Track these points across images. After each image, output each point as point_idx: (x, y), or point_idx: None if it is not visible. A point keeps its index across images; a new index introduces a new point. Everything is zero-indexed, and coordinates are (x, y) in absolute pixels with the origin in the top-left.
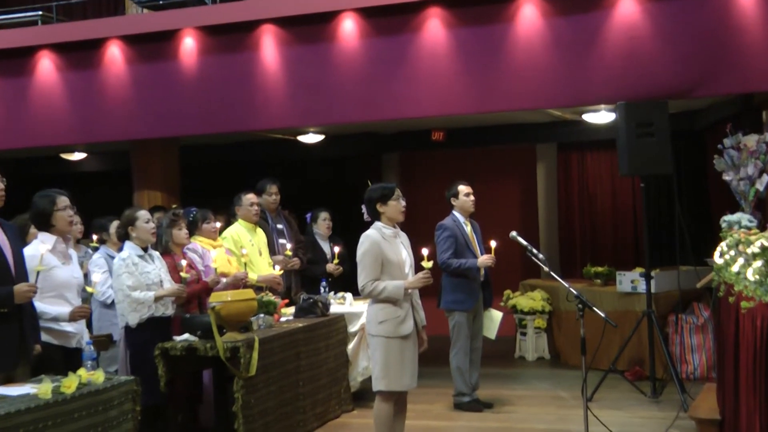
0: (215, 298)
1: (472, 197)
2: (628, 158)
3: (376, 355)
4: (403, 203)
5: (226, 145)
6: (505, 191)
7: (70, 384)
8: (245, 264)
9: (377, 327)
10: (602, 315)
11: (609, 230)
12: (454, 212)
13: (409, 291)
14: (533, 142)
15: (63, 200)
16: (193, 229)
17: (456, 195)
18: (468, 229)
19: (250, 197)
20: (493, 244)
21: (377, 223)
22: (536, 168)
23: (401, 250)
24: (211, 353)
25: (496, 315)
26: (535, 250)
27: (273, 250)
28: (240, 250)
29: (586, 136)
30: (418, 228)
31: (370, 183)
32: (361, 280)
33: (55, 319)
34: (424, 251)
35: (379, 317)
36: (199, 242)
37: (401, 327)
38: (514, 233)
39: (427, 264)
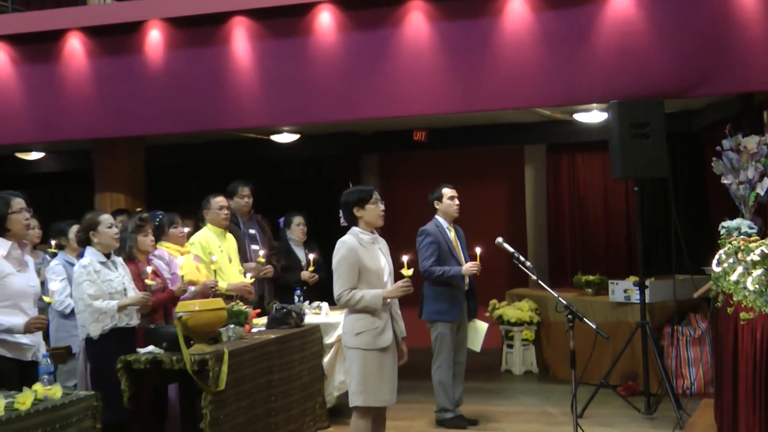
0: (182, 308)
1: (456, 201)
2: (621, 160)
3: (353, 369)
4: (382, 207)
5: (195, 144)
6: (491, 195)
7: (24, 400)
8: (215, 271)
9: (354, 339)
10: (593, 326)
11: (601, 236)
12: (438, 217)
13: (388, 300)
14: (521, 143)
15: (18, 202)
16: (159, 235)
17: (440, 198)
18: (452, 234)
19: (219, 200)
20: (478, 251)
21: (354, 229)
22: (524, 170)
23: (380, 257)
24: (177, 366)
25: (481, 326)
26: (522, 258)
27: (245, 256)
28: (209, 257)
29: (578, 137)
30: (399, 233)
31: (351, 185)
32: (337, 288)
33: (9, 330)
34: (404, 258)
35: (356, 328)
36: (165, 248)
37: (380, 339)
38: (500, 239)
39: (407, 272)
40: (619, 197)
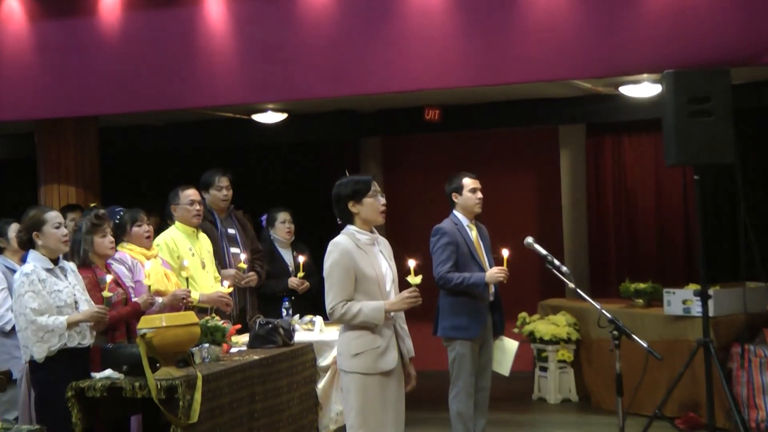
0: (146, 324)
1: (479, 194)
2: (677, 143)
3: (351, 398)
4: (383, 201)
5: (160, 127)
6: (519, 186)
7: None
8: (186, 279)
9: (351, 361)
10: (644, 345)
11: (653, 236)
12: (456, 213)
13: (392, 314)
14: (555, 123)
15: None
16: (120, 235)
17: (459, 190)
18: (473, 234)
19: (191, 194)
20: (504, 253)
21: (349, 228)
22: (559, 156)
23: (380, 261)
24: (140, 394)
25: (509, 345)
26: (557, 261)
27: (222, 261)
28: (179, 262)
29: (624, 115)
30: (405, 233)
31: (348, 173)
32: (330, 300)
33: None
34: (411, 263)
35: (353, 348)
36: (127, 251)
37: (382, 360)
38: (530, 239)
39: (415, 279)
40: (674, 188)
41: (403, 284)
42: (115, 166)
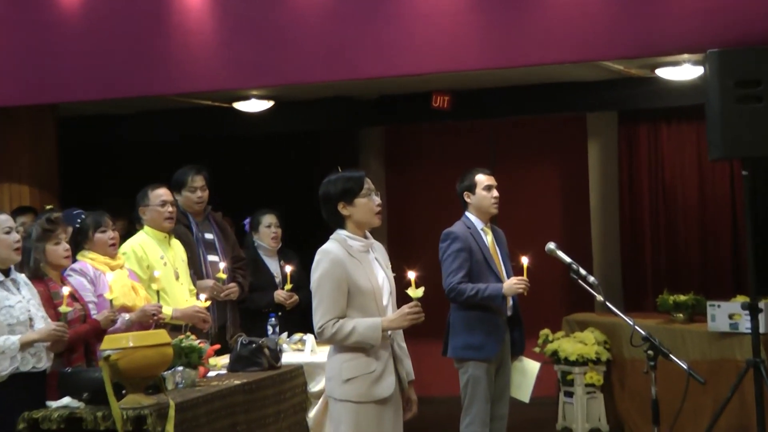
0: (111, 344)
1: (494, 192)
2: (723, 133)
3: (342, 429)
4: (378, 200)
5: (129, 117)
6: (540, 183)
7: None
8: (157, 292)
9: (343, 387)
10: (684, 366)
11: (695, 240)
12: (468, 214)
13: (389, 333)
14: (583, 110)
15: None
16: (81, 242)
17: (471, 188)
18: (488, 239)
19: (161, 194)
20: (524, 261)
21: (340, 232)
22: (587, 149)
23: (377, 271)
24: (103, 426)
25: (530, 367)
26: (583, 270)
27: (199, 271)
28: (149, 272)
29: (661, 101)
30: (410, 237)
31: (340, 169)
32: (319, 318)
33: None
34: (411, 274)
35: (345, 373)
36: (89, 261)
37: (378, 387)
38: (552, 245)
39: (416, 292)
40: (720, 185)
41: (402, 298)
42: (76, 163)
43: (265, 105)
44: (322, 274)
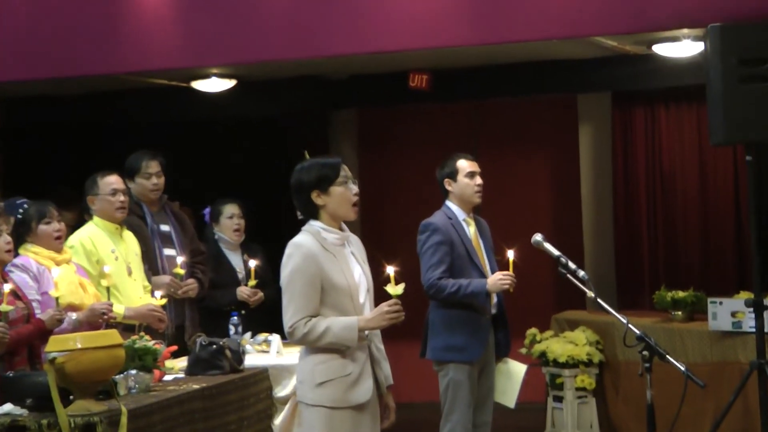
0: (57, 346)
1: (477, 180)
2: (725, 116)
3: None
4: (355, 189)
5: (77, 98)
6: (527, 170)
7: None
8: (107, 289)
9: (315, 392)
10: (682, 368)
11: (695, 232)
12: (449, 204)
13: (366, 333)
14: (573, 91)
15: None
16: (23, 234)
17: (453, 176)
18: (471, 230)
19: (112, 181)
20: (510, 254)
21: (313, 224)
22: (578, 133)
23: (353, 266)
24: None
25: (515, 369)
26: (572, 264)
27: (154, 265)
28: (99, 267)
29: (659, 81)
30: (385, 229)
31: (308, 156)
32: (289, 316)
33: None
34: (390, 269)
35: (318, 376)
36: (32, 255)
37: (353, 391)
38: (539, 237)
39: (396, 289)
40: (722, 172)
41: (380, 295)
42: (18, 148)
43: (226, 84)
44: (293, 269)
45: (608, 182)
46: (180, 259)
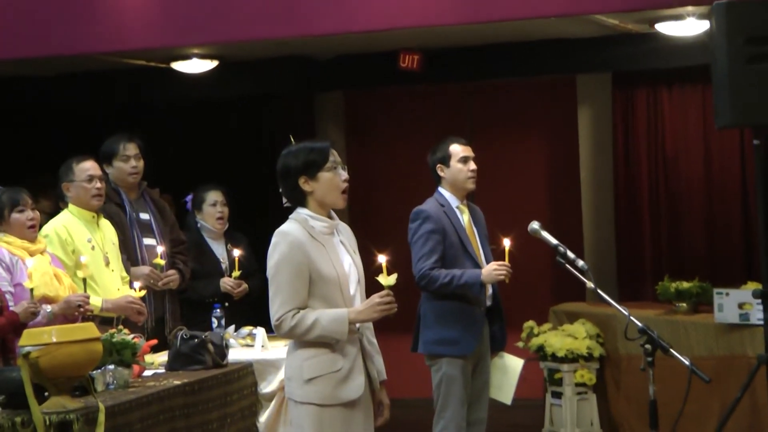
0: (31, 340)
1: (472, 165)
2: (731, 98)
3: None
4: (345, 175)
5: (51, 79)
6: (524, 155)
7: None
8: (84, 281)
9: (304, 388)
10: (686, 362)
11: (700, 220)
12: (442, 190)
13: (358, 326)
14: (572, 72)
15: None
16: None
17: (445, 161)
18: (464, 218)
19: (88, 167)
20: (506, 243)
21: (301, 212)
22: (577, 115)
23: (342, 255)
24: None
25: (511, 364)
26: (572, 254)
27: (133, 255)
28: (75, 258)
29: (662, 61)
30: (374, 217)
31: (293, 140)
32: (276, 309)
33: None
34: (382, 259)
35: (306, 372)
36: (4, 245)
37: (344, 387)
38: (535, 225)
39: (388, 280)
40: (728, 156)
41: (372, 286)
42: None
43: (207, 65)
44: (279, 258)
45: (609, 167)
46: (160, 249)
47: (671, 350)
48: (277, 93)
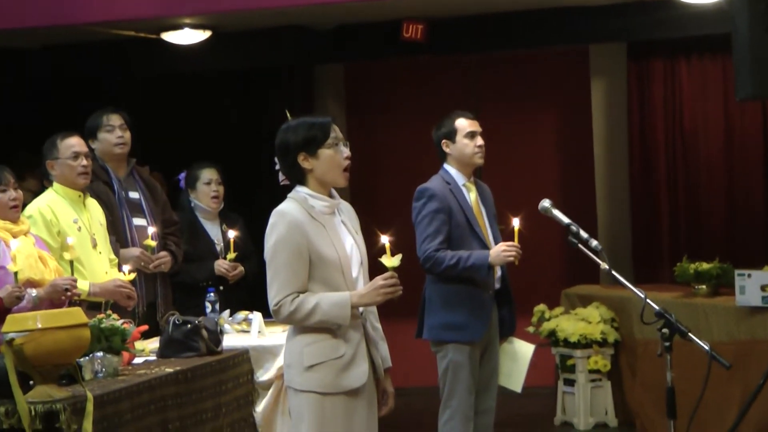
0: (15, 326)
1: (478, 140)
2: (752, 68)
3: (304, 427)
4: (347, 152)
5: (35, 52)
6: (534, 129)
7: None
8: (71, 263)
9: (304, 376)
10: (706, 348)
11: (721, 197)
12: (448, 167)
13: (361, 310)
14: (584, 42)
15: None
16: None
17: (451, 136)
18: (472, 196)
19: (73, 143)
20: (515, 223)
21: (300, 190)
22: (590, 88)
23: (344, 236)
24: (7, 423)
25: (522, 350)
26: (584, 234)
27: (122, 237)
28: (61, 239)
29: (680, 30)
30: (376, 196)
31: (289, 115)
32: (274, 293)
33: None
34: (385, 239)
35: (307, 359)
36: None
37: (346, 375)
38: (546, 203)
39: (392, 261)
40: (750, 130)
41: (375, 268)
42: None
43: (200, 36)
44: (278, 239)
45: (623, 142)
46: (151, 230)
47: (690, 335)
48: (273, 65)
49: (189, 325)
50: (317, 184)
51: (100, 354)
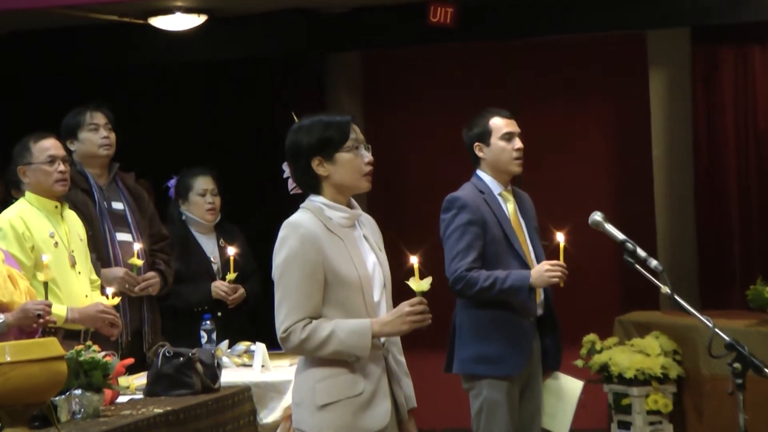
0: None
1: (517, 143)
2: None
3: None
4: (368, 157)
5: (6, 37)
6: (582, 130)
7: None
8: (45, 285)
9: (317, 416)
10: None
11: None
12: (481, 173)
13: (382, 341)
14: (641, 28)
15: None
16: None
17: (485, 138)
18: (510, 207)
19: (48, 146)
20: (560, 238)
21: (314, 200)
22: (648, 80)
23: (365, 253)
24: None
25: (569, 387)
26: (642, 252)
27: (104, 254)
28: (35, 256)
29: (752, 13)
30: (398, 206)
31: (296, 117)
32: (282, 318)
33: None
34: (414, 259)
35: (320, 396)
36: None
37: (365, 415)
38: (598, 216)
39: (421, 284)
40: None
41: (399, 291)
42: None
43: (194, 21)
44: (288, 255)
45: (687, 144)
46: (137, 246)
47: (766, 370)
48: (278, 54)
49: (181, 358)
50: (335, 192)
51: (78, 391)
